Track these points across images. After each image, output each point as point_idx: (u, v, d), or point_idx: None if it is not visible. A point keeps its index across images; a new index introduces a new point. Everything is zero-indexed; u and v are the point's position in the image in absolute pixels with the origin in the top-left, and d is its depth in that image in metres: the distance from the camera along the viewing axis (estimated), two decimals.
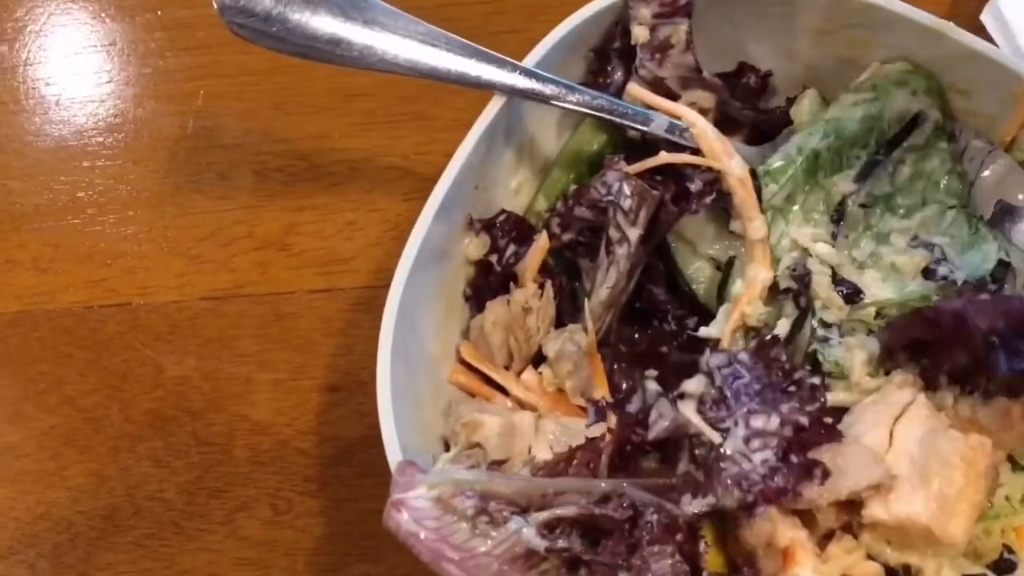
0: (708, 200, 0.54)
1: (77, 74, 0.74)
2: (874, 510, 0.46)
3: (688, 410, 0.46)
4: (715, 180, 0.55)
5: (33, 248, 0.68)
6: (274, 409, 0.64)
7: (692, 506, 0.44)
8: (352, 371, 0.64)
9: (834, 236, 0.55)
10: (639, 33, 0.57)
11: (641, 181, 0.55)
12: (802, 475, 0.45)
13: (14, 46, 0.75)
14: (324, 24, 0.55)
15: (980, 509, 0.48)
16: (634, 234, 0.55)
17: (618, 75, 0.59)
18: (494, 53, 0.55)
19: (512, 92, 0.55)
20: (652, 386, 0.50)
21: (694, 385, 0.47)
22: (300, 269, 0.67)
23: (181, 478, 0.63)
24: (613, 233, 0.55)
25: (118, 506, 0.62)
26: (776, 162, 0.55)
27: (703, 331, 0.54)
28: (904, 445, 0.48)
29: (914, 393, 0.51)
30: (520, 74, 0.55)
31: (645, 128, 0.56)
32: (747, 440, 0.46)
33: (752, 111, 0.61)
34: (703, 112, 0.58)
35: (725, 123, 0.59)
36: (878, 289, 0.54)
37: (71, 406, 0.64)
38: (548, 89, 0.55)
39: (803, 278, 0.53)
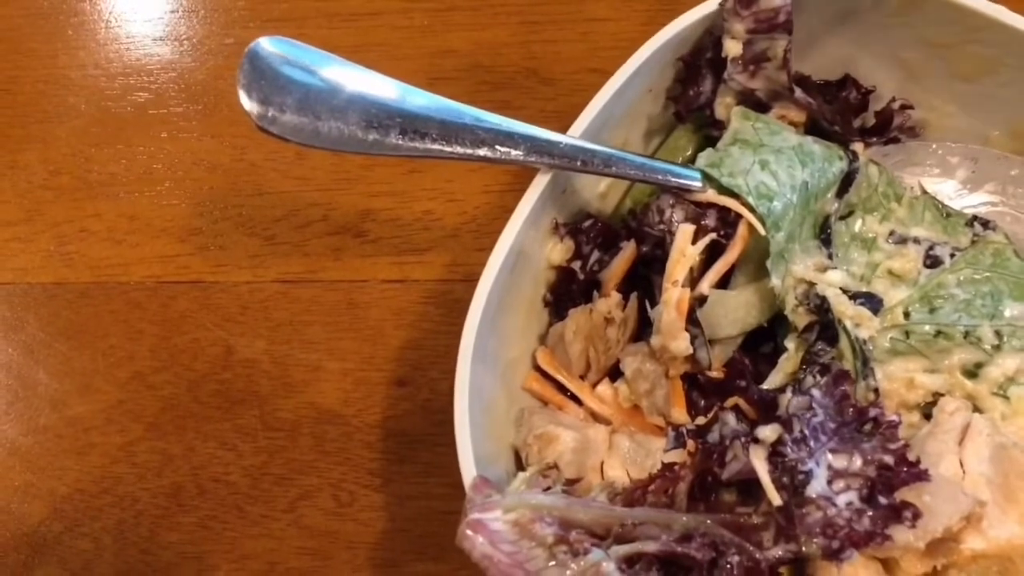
0: None
1: (159, 39, 0.73)
2: (972, 542, 0.45)
3: (758, 459, 0.45)
4: None
5: (108, 218, 0.68)
6: (341, 399, 0.63)
7: (774, 551, 0.43)
8: (421, 366, 0.63)
9: (830, 257, 0.53)
10: (731, 47, 0.55)
11: (692, 206, 0.53)
12: (891, 517, 0.44)
13: (95, 3, 0.74)
14: (356, 130, 0.52)
15: None
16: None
17: (707, 85, 0.57)
18: (539, 130, 0.52)
19: (555, 166, 0.52)
20: (731, 421, 0.49)
21: (768, 432, 0.45)
22: (375, 257, 0.66)
23: (247, 462, 0.63)
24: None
25: (183, 485, 0.62)
26: (777, 207, 0.52)
27: (766, 385, 0.52)
28: (977, 469, 0.46)
29: (968, 415, 0.49)
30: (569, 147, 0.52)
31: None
32: (830, 481, 0.44)
33: (842, 128, 0.58)
34: (793, 126, 0.56)
35: (814, 134, 0.57)
36: (894, 292, 0.52)
37: (140, 382, 0.64)
38: (595, 161, 0.52)
39: (820, 305, 0.51)
